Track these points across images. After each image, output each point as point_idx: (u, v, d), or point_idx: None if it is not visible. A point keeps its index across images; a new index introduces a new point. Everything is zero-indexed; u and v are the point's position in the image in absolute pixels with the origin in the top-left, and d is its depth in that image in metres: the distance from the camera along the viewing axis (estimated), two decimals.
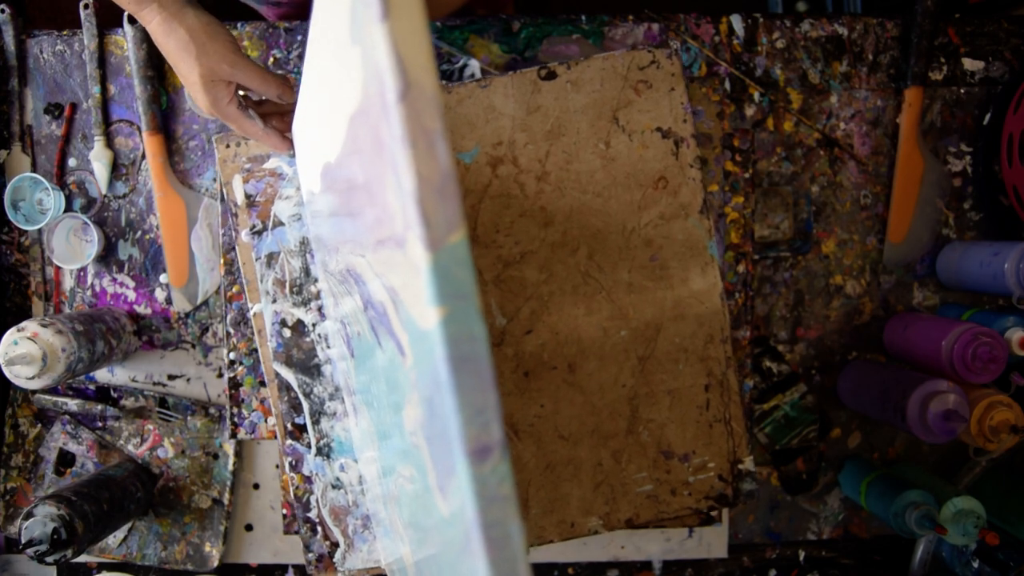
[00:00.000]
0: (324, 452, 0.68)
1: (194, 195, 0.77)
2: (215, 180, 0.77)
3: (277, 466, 0.78)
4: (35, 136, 0.78)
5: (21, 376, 0.67)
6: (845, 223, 0.78)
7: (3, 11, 0.76)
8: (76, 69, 0.77)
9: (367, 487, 0.63)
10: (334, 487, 0.69)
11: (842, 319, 0.78)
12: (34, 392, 0.78)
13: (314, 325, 0.68)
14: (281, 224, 0.67)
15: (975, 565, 0.73)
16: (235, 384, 0.74)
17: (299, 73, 0.76)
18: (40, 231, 0.78)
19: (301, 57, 0.76)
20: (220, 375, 0.79)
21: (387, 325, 0.34)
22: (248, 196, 0.68)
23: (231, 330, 0.74)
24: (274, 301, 0.67)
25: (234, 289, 0.73)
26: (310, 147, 0.54)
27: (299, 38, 0.76)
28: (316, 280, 0.67)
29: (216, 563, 0.78)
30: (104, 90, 0.77)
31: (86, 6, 0.75)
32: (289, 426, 0.68)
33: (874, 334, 0.78)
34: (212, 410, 0.78)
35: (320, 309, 0.67)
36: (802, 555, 0.81)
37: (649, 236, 0.64)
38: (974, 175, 0.78)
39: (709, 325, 0.64)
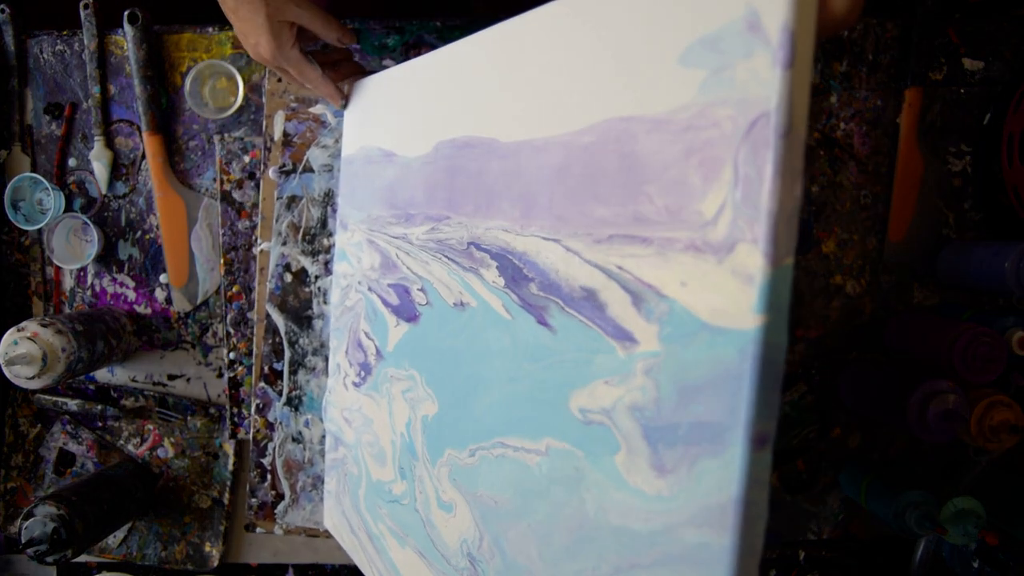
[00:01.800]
0: (293, 403, 0.68)
1: (194, 195, 0.77)
2: (215, 180, 0.77)
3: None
4: (35, 136, 0.78)
5: (21, 376, 0.67)
6: (845, 223, 0.78)
7: (3, 11, 0.76)
8: (76, 69, 0.77)
9: (354, 449, 0.63)
10: (294, 440, 0.69)
11: (842, 319, 0.78)
12: (34, 392, 0.78)
13: (316, 277, 0.68)
14: (311, 171, 0.68)
15: (975, 565, 0.73)
16: (235, 384, 0.74)
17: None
18: (40, 231, 0.78)
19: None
20: (220, 375, 0.79)
21: (588, 310, 0.37)
22: (287, 135, 0.68)
23: (231, 330, 0.74)
24: (284, 243, 0.67)
25: (234, 289, 0.74)
26: (404, 111, 0.55)
27: None
28: (331, 234, 0.67)
29: (216, 563, 0.78)
30: (104, 90, 0.77)
31: (86, 6, 0.75)
32: (266, 369, 0.68)
33: (874, 334, 0.78)
34: (212, 410, 0.78)
35: (328, 264, 0.67)
36: (802, 555, 0.81)
37: None
38: (974, 175, 0.78)
39: None
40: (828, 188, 0.78)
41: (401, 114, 0.56)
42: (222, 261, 0.73)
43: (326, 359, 0.68)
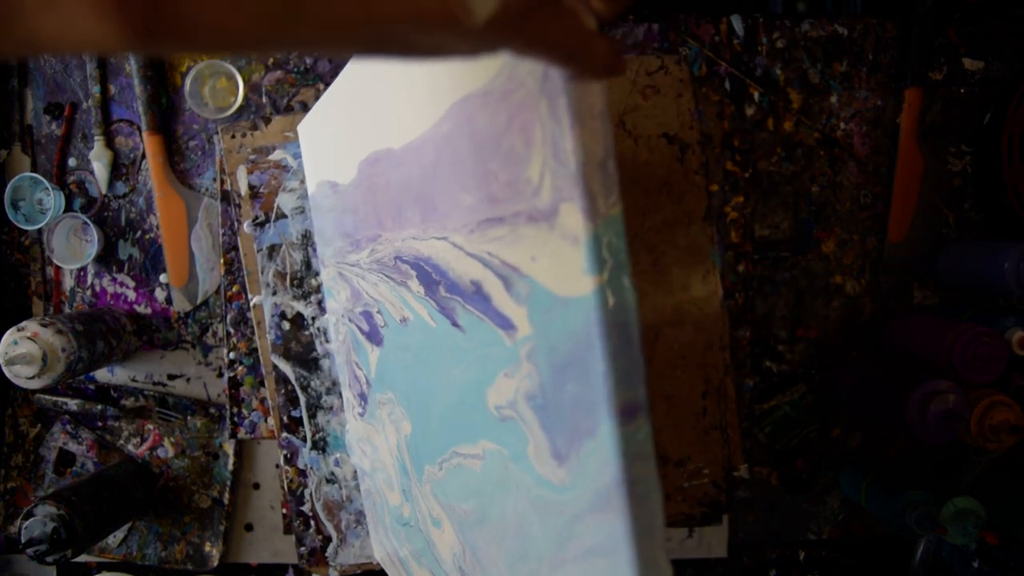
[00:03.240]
0: (320, 446, 0.68)
1: (194, 195, 0.77)
2: (215, 180, 0.77)
3: (277, 466, 0.78)
4: (35, 136, 0.78)
5: (21, 376, 0.67)
6: (845, 223, 0.78)
7: None
8: (76, 69, 0.77)
9: (373, 477, 0.63)
10: (328, 481, 0.69)
11: (842, 319, 0.78)
12: (34, 392, 0.78)
13: (313, 319, 0.68)
14: (284, 216, 0.67)
15: (975, 565, 0.73)
16: (235, 384, 0.74)
17: (299, 72, 0.76)
18: (40, 231, 0.78)
19: (301, 56, 0.76)
20: (220, 375, 0.79)
21: (479, 304, 0.35)
22: (252, 187, 0.68)
23: (231, 330, 0.74)
24: (274, 293, 0.67)
25: (234, 289, 0.73)
26: (336, 139, 0.54)
27: None
28: (317, 274, 0.67)
29: (216, 563, 0.78)
30: (104, 90, 0.77)
31: None
32: (285, 419, 0.68)
33: (874, 334, 0.78)
34: (212, 410, 0.78)
35: (320, 303, 0.67)
36: (802, 555, 0.81)
37: (652, 241, 0.64)
38: (974, 175, 0.78)
39: (708, 332, 0.64)
40: (828, 188, 0.78)
41: (333, 143, 0.56)
42: (222, 261, 0.73)
43: (340, 396, 0.68)
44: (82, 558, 0.79)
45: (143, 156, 0.77)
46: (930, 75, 0.77)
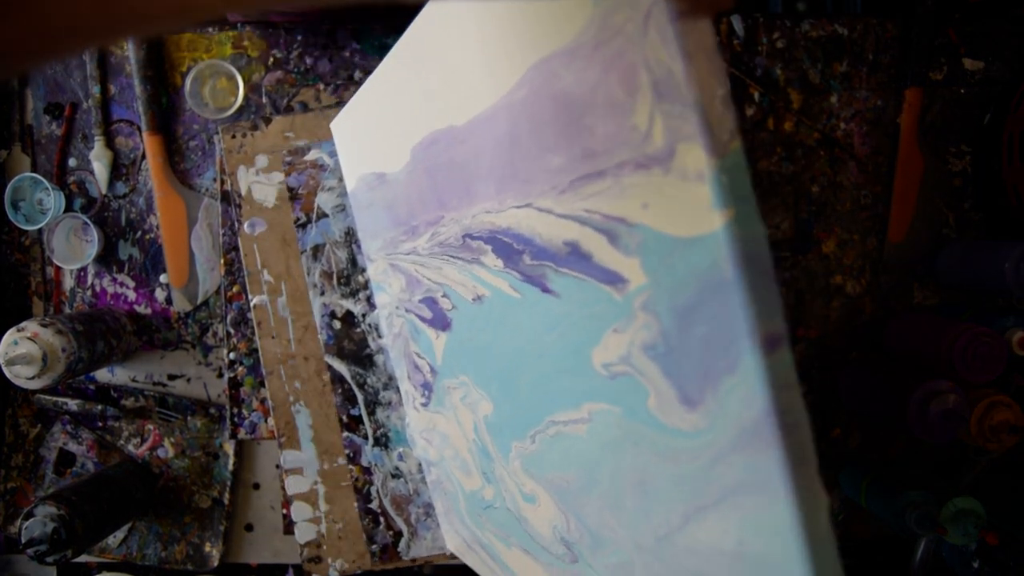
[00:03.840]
0: (382, 442, 0.68)
1: (194, 195, 0.77)
2: (215, 180, 0.77)
3: (277, 466, 0.78)
4: (35, 136, 0.78)
5: (21, 376, 0.67)
6: (845, 223, 0.78)
7: None
8: (76, 69, 0.77)
9: (441, 466, 0.63)
10: (394, 476, 0.69)
11: (842, 319, 0.78)
12: (34, 392, 0.78)
13: (364, 315, 0.68)
14: (325, 216, 0.67)
15: (975, 565, 0.73)
16: (235, 384, 0.74)
17: (299, 72, 0.76)
18: (40, 231, 0.78)
19: (301, 57, 0.76)
20: (220, 375, 0.79)
21: (577, 264, 0.35)
22: (291, 189, 0.68)
23: (231, 330, 0.74)
24: (322, 293, 0.67)
25: (234, 289, 0.74)
26: (382, 129, 0.54)
27: (299, 38, 0.76)
28: (363, 270, 0.67)
29: (216, 563, 0.78)
30: (104, 90, 0.77)
31: None
32: (344, 418, 0.68)
33: (874, 334, 0.78)
34: (212, 410, 0.78)
35: (369, 299, 0.67)
36: None
37: None
38: (974, 175, 0.78)
39: None
40: (828, 188, 0.78)
41: (377, 134, 0.56)
42: (222, 261, 0.73)
43: (398, 391, 0.68)
44: (82, 558, 0.79)
45: (143, 156, 0.77)
46: (930, 75, 0.77)
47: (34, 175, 0.75)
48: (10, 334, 0.67)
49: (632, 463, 0.35)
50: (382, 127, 0.55)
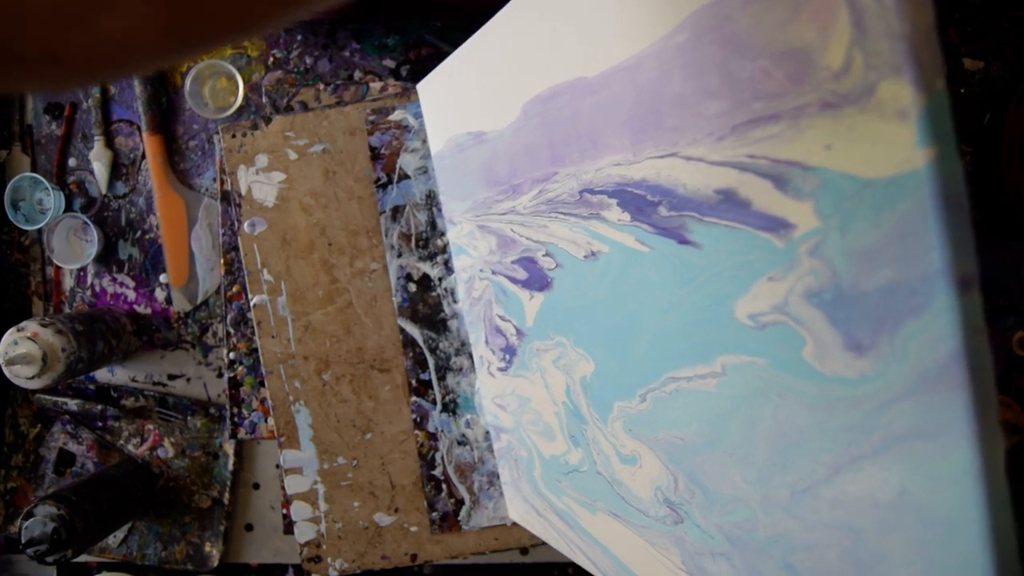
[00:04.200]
0: (450, 408, 0.68)
1: (194, 195, 0.77)
2: (215, 180, 0.77)
3: (277, 466, 0.78)
4: (35, 136, 0.78)
5: (21, 376, 0.67)
6: None
7: None
8: None
9: (517, 432, 0.62)
10: (460, 443, 0.69)
11: None
12: (34, 392, 0.78)
13: (440, 279, 0.68)
14: (407, 177, 0.67)
15: None
16: (235, 384, 0.74)
17: (299, 72, 0.76)
18: (40, 231, 0.78)
19: (301, 56, 0.76)
20: (220, 375, 0.79)
21: (730, 212, 0.34)
22: (373, 148, 0.67)
23: (231, 330, 0.74)
24: (399, 255, 0.67)
25: (234, 289, 0.74)
26: (486, 86, 0.54)
27: (299, 37, 0.76)
28: (443, 234, 0.67)
29: (216, 563, 0.78)
30: (104, 90, 0.77)
31: None
32: (414, 382, 0.68)
33: None
34: (212, 410, 0.78)
35: (447, 263, 0.67)
36: None
37: None
38: (974, 175, 0.78)
39: None
40: None
41: (478, 93, 0.56)
42: (222, 261, 0.73)
43: (470, 357, 0.68)
44: (82, 558, 0.79)
45: (143, 156, 0.77)
46: None
47: (34, 175, 0.75)
48: (10, 334, 0.67)
49: (772, 415, 0.34)
50: (484, 85, 0.54)
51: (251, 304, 0.69)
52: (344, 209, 0.71)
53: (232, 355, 0.74)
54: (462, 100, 0.58)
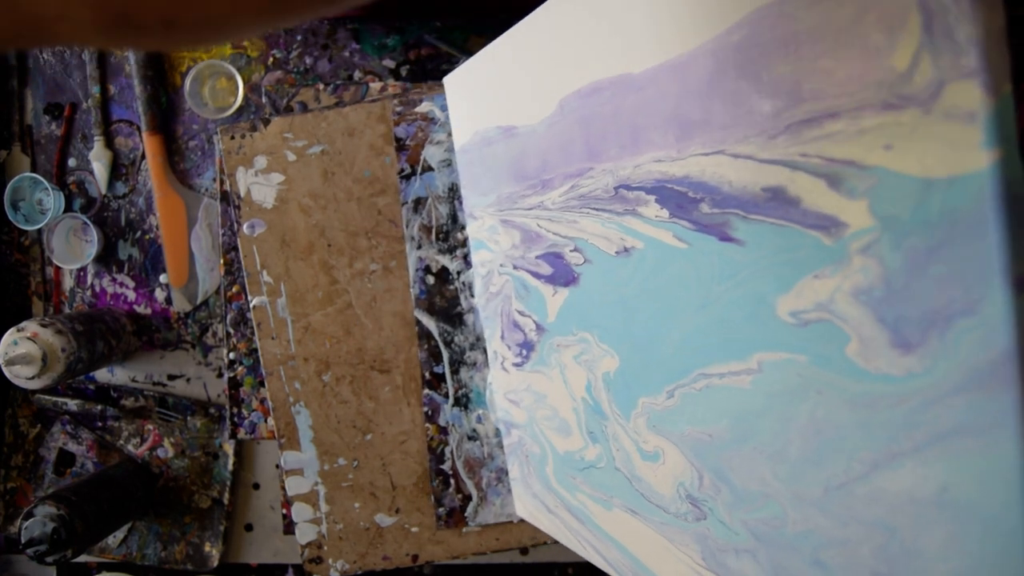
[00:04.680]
0: (462, 403, 0.68)
1: (194, 195, 0.77)
2: (215, 180, 0.77)
3: (277, 466, 0.78)
4: (35, 136, 0.78)
5: (21, 376, 0.67)
6: None
7: None
8: (76, 69, 0.77)
9: (530, 427, 0.62)
10: (470, 438, 0.68)
11: None
12: (34, 392, 0.78)
13: (459, 273, 0.67)
14: (430, 169, 0.67)
15: None
16: (235, 384, 0.74)
17: (299, 72, 0.76)
18: (40, 231, 0.78)
19: (301, 57, 0.76)
20: (220, 375, 0.79)
21: (777, 210, 0.35)
22: (398, 139, 0.67)
23: (231, 330, 0.74)
24: (419, 247, 0.67)
25: (234, 289, 0.74)
26: (520, 81, 0.54)
27: (298, 38, 0.76)
28: (463, 227, 0.67)
29: (216, 563, 0.78)
30: (104, 90, 0.77)
31: None
32: (427, 375, 0.68)
33: None
34: (212, 410, 0.78)
35: (466, 257, 0.67)
36: None
37: None
38: None
39: None
40: None
41: (511, 87, 0.55)
42: (222, 261, 0.73)
43: (484, 352, 0.68)
44: (82, 558, 0.79)
45: (143, 156, 0.77)
46: None
47: (34, 175, 0.75)
48: (10, 334, 0.67)
49: (810, 412, 0.35)
50: (518, 80, 0.54)
51: (251, 306, 0.69)
52: (343, 210, 0.70)
53: (232, 355, 0.74)
54: (492, 94, 0.58)
